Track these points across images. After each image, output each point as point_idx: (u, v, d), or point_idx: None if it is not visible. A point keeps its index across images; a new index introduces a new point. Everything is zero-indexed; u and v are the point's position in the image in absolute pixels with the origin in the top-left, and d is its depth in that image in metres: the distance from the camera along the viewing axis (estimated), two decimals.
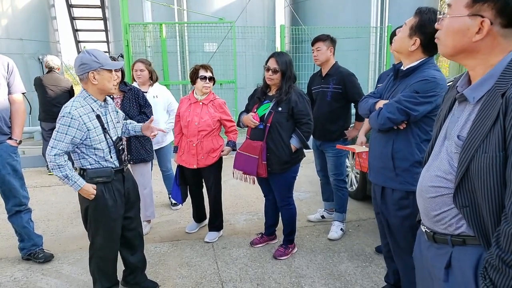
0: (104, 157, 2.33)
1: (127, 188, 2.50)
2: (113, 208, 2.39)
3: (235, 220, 4.07)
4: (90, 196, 2.31)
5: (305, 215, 4.04)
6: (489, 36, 1.08)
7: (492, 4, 1.05)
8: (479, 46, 1.11)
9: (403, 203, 2.14)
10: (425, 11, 1.97)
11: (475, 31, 1.09)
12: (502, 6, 1.05)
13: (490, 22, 1.06)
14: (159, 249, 3.43)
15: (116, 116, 2.50)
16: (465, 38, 1.11)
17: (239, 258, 3.23)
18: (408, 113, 2.00)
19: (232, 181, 5.31)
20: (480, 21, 1.07)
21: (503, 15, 1.05)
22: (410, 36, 1.99)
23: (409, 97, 2.00)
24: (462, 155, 1.11)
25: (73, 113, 2.18)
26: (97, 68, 2.23)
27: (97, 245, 2.46)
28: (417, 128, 2.09)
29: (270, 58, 3.00)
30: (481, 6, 1.07)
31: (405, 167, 2.11)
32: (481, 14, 1.07)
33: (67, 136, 2.19)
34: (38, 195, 5.03)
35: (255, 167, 2.99)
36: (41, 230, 3.84)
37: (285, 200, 3.18)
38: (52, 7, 10.27)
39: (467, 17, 1.09)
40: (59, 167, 2.23)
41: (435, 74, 2.01)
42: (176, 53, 7.89)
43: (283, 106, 2.96)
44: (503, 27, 1.06)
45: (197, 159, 3.39)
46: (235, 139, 3.51)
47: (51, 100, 5.75)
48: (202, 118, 3.34)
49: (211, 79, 3.37)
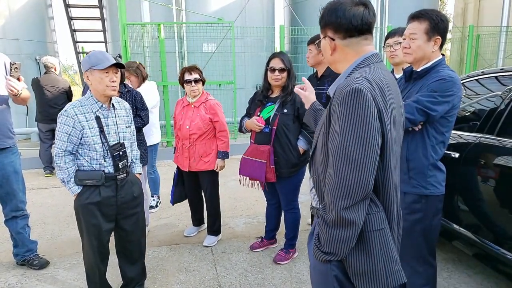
0: (98, 159, 2.26)
1: (121, 197, 2.36)
2: (94, 212, 2.28)
3: (234, 224, 4.01)
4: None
5: (305, 218, 3.97)
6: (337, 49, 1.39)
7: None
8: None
9: (415, 207, 2.09)
10: (427, 12, 2.02)
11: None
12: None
13: (332, 39, 1.37)
14: (157, 253, 3.37)
15: (125, 122, 2.41)
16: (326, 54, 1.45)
17: (238, 263, 3.17)
18: (427, 113, 1.96)
19: (231, 183, 5.26)
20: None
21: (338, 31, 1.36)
22: (429, 39, 2.02)
23: (428, 97, 1.96)
24: (315, 134, 1.46)
25: (69, 111, 2.20)
26: (88, 68, 2.21)
27: (83, 249, 2.43)
28: (433, 129, 2.04)
29: (273, 58, 2.94)
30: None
31: (420, 170, 2.07)
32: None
33: (63, 134, 2.20)
34: (35, 197, 4.96)
35: (264, 172, 2.91)
36: (37, 233, 3.78)
37: (290, 204, 3.12)
38: (49, 7, 10.18)
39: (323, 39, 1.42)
40: (59, 169, 2.25)
41: (451, 73, 1.99)
42: (175, 53, 7.81)
43: (288, 107, 2.91)
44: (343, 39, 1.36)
45: (189, 162, 3.33)
46: (225, 148, 3.35)
47: (48, 101, 5.70)
48: (193, 121, 3.28)
49: (197, 81, 3.28)
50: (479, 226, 2.66)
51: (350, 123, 1.18)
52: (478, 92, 3.02)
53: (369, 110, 1.18)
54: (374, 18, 1.33)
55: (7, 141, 2.88)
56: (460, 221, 2.75)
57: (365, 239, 1.27)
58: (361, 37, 1.34)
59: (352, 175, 1.19)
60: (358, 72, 1.30)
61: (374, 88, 1.22)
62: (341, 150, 1.20)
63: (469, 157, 2.66)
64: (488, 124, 2.64)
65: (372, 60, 1.34)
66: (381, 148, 1.23)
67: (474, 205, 2.68)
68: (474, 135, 2.71)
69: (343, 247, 1.25)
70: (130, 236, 2.50)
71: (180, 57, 7.95)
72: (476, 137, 2.68)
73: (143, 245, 2.63)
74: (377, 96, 1.21)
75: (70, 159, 2.24)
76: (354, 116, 1.18)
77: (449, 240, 2.87)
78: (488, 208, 2.57)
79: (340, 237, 1.24)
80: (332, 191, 1.22)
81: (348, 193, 1.20)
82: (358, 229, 1.24)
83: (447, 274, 2.94)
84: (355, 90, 1.19)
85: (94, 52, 2.26)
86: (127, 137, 2.41)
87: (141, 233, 2.58)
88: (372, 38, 1.37)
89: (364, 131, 1.18)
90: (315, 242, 1.36)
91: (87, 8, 11.96)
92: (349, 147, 1.19)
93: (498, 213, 2.52)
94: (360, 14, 1.30)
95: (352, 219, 1.21)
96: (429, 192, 2.06)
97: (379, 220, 1.28)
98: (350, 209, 1.20)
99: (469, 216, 2.71)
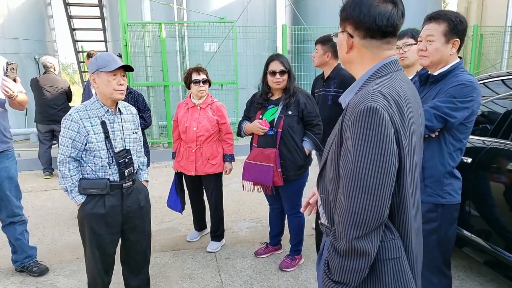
0: (103, 167, 2.17)
1: (127, 207, 2.27)
2: (99, 223, 2.19)
3: (238, 228, 3.93)
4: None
5: (310, 223, 3.88)
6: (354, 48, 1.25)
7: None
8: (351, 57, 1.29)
9: (430, 216, 2.00)
10: (445, 13, 1.94)
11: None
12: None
13: (350, 35, 1.23)
14: (160, 259, 3.28)
15: (131, 128, 2.31)
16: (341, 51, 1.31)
17: (243, 270, 3.09)
18: (446, 120, 1.87)
19: (233, 185, 5.17)
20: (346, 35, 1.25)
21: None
22: (447, 41, 1.93)
23: (447, 103, 1.87)
24: (325, 150, 1.34)
25: (73, 115, 2.12)
26: (95, 70, 2.12)
27: (86, 257, 2.34)
28: (450, 136, 1.95)
29: (272, 61, 2.87)
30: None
31: (436, 178, 1.98)
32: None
33: (67, 139, 2.11)
34: (34, 200, 4.87)
35: (271, 176, 2.84)
36: (36, 238, 3.70)
37: (295, 208, 3.04)
38: (49, 6, 10.09)
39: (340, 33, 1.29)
40: (62, 177, 2.15)
41: (470, 78, 1.91)
42: (176, 53, 7.72)
43: (292, 109, 2.84)
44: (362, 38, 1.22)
45: (195, 166, 3.24)
46: (231, 151, 3.32)
47: (48, 101, 5.61)
48: (201, 123, 3.20)
49: (205, 82, 3.21)
50: (490, 233, 2.59)
51: (364, 146, 1.08)
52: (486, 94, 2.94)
53: (385, 132, 1.07)
54: (402, 19, 1.20)
55: (1, 146, 2.79)
56: (471, 227, 2.68)
57: (379, 268, 1.17)
58: (383, 41, 1.21)
59: (365, 204, 1.09)
60: (373, 83, 1.18)
61: (391, 106, 1.10)
62: (353, 176, 1.10)
63: (481, 162, 2.59)
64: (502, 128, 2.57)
65: (390, 69, 1.22)
66: (398, 172, 1.12)
67: (486, 211, 2.62)
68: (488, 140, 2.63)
69: (355, 277, 1.15)
70: (136, 246, 2.41)
71: (181, 56, 7.85)
72: (490, 142, 2.60)
73: (149, 255, 2.54)
74: (394, 115, 1.10)
75: (74, 166, 2.15)
76: (369, 139, 1.07)
77: (459, 247, 2.80)
78: (500, 214, 2.51)
79: (352, 267, 1.14)
80: (343, 218, 1.12)
81: (360, 222, 1.09)
82: (371, 259, 1.14)
83: (459, 282, 2.86)
84: (370, 109, 1.07)
85: (101, 54, 2.18)
86: (133, 143, 2.31)
87: (147, 244, 2.48)
88: (395, 42, 1.25)
89: (380, 156, 1.07)
90: (324, 268, 1.24)
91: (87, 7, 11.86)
92: (362, 173, 1.08)
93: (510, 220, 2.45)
94: (387, 13, 1.17)
95: (364, 249, 1.11)
96: (446, 201, 1.98)
97: (394, 248, 1.17)
98: (362, 238, 1.10)
99: (481, 222, 2.65)
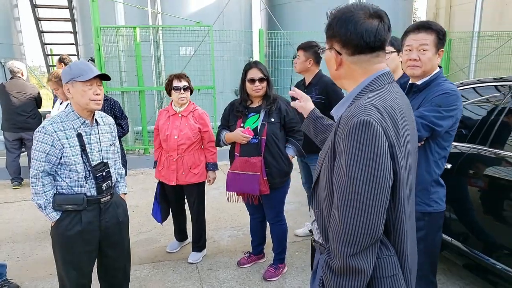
0: (79, 181, 2.05)
1: (105, 222, 2.16)
2: (75, 241, 2.08)
3: (218, 237, 3.86)
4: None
5: (292, 229, 3.87)
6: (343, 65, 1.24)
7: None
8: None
9: (418, 225, 1.97)
10: (434, 23, 1.98)
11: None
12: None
13: (338, 53, 1.22)
14: (139, 272, 3.17)
15: (109, 139, 2.20)
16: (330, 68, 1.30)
17: (226, 281, 3.02)
18: (433, 129, 1.89)
19: (213, 192, 5.08)
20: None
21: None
22: (437, 51, 1.97)
23: (433, 112, 1.89)
24: (318, 164, 1.31)
25: (47, 128, 1.99)
26: (70, 80, 2.01)
27: (59, 278, 2.23)
28: (436, 145, 1.97)
29: (250, 69, 2.82)
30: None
31: (423, 187, 1.99)
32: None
33: (41, 153, 1.99)
34: (2, 212, 4.62)
35: (258, 185, 2.79)
36: (5, 254, 3.49)
37: (278, 216, 3.02)
38: (15, 8, 9.67)
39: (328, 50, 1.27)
40: (35, 192, 2.02)
41: (453, 87, 1.94)
42: (151, 57, 7.55)
43: (274, 116, 2.82)
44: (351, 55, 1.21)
45: (177, 175, 3.16)
46: (214, 160, 3.26)
47: (15, 108, 5.37)
48: (182, 131, 3.11)
49: (186, 89, 3.14)
50: (469, 236, 2.64)
51: (357, 161, 1.05)
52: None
53: (379, 146, 1.05)
54: (389, 33, 1.19)
55: None
56: (450, 231, 2.72)
57: (375, 286, 1.14)
58: (372, 55, 1.20)
59: (359, 220, 1.06)
60: (366, 96, 1.17)
61: (385, 119, 1.08)
62: (347, 191, 1.07)
63: (461, 168, 2.64)
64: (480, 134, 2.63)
65: (383, 81, 1.21)
66: (393, 187, 1.10)
67: (465, 215, 2.67)
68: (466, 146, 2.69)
69: None
70: (115, 263, 2.30)
71: (156, 61, 7.69)
72: (469, 148, 2.66)
73: (128, 272, 2.43)
74: (389, 128, 1.08)
75: (48, 181, 2.02)
76: (362, 154, 1.05)
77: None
78: (478, 218, 2.57)
79: (347, 286, 1.11)
80: (337, 235, 1.10)
81: (354, 239, 1.07)
82: (367, 277, 1.11)
83: (440, 286, 2.90)
84: (363, 122, 1.05)
85: (76, 62, 2.07)
86: (111, 155, 2.20)
87: (127, 259, 2.38)
88: (384, 55, 1.23)
89: (373, 171, 1.05)
90: (319, 283, 1.22)
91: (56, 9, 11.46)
92: (356, 189, 1.06)
93: (488, 224, 2.52)
94: (373, 29, 1.15)
95: (360, 267, 1.08)
96: (432, 209, 2.00)
97: (390, 265, 1.15)
98: (357, 255, 1.08)
99: (459, 226, 2.70)
